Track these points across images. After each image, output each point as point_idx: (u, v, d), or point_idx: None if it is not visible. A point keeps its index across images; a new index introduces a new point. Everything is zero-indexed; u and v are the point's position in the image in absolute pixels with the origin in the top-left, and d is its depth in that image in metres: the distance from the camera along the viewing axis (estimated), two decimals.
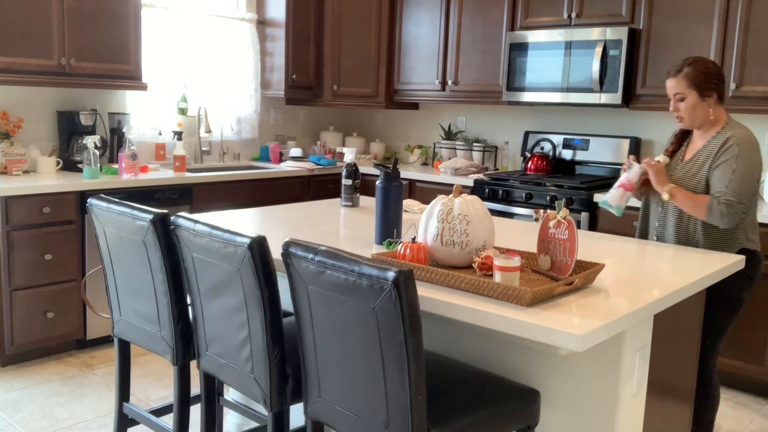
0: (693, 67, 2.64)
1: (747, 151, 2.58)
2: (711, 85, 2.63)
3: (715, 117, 2.68)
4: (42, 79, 3.74)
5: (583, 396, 1.89)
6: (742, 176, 2.55)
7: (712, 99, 2.65)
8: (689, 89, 2.64)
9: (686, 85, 2.64)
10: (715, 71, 2.66)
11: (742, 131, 2.64)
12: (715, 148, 2.63)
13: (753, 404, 3.48)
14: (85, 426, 3.02)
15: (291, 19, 5.07)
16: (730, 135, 2.62)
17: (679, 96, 2.66)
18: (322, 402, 1.74)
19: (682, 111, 2.68)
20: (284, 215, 2.90)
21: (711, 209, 2.54)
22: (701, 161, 2.66)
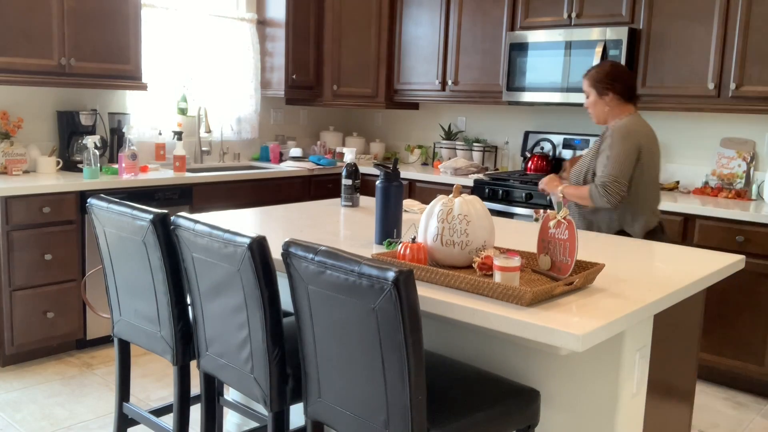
0: (596, 69, 3.04)
1: (619, 138, 2.88)
2: (606, 85, 2.96)
3: (616, 114, 2.99)
4: (42, 79, 3.74)
5: (583, 396, 1.89)
6: (615, 159, 2.85)
7: (608, 97, 2.97)
8: (590, 88, 3.01)
9: (588, 84, 3.02)
10: (613, 72, 2.99)
11: (622, 122, 2.95)
12: (603, 138, 2.98)
13: (753, 404, 3.48)
14: (85, 426, 3.02)
15: (291, 19, 5.07)
16: (610, 127, 2.97)
17: (585, 94, 3.05)
18: (322, 402, 1.74)
19: (589, 108, 3.06)
20: (284, 215, 2.90)
21: (591, 194, 2.87)
22: (593, 151, 3.02)
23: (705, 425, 3.23)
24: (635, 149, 2.87)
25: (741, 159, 3.97)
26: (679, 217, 3.66)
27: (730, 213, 3.50)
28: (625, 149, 2.86)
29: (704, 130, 4.16)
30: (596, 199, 2.86)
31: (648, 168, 2.92)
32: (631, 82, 3.02)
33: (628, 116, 2.97)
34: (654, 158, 2.95)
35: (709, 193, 4.01)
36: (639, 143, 2.88)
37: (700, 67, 3.81)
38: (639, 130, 2.91)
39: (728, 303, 3.54)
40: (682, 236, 3.66)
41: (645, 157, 2.89)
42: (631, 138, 2.88)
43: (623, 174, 2.83)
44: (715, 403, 3.48)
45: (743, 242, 3.46)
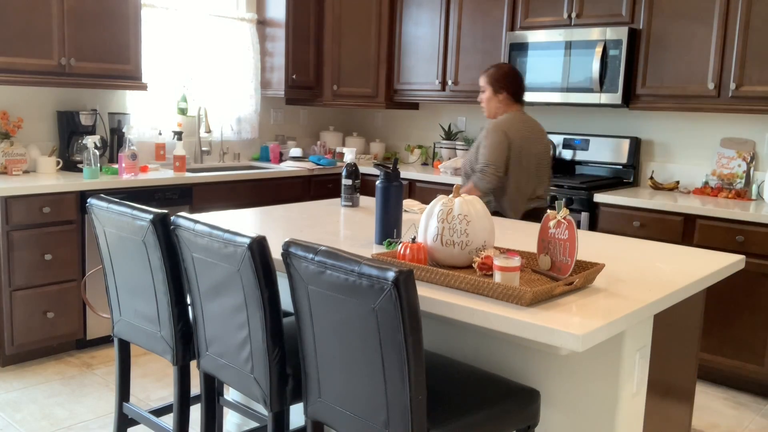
0: (495, 68, 3.40)
1: (490, 130, 3.26)
2: (503, 84, 3.34)
3: (503, 111, 3.36)
4: (42, 79, 3.74)
5: (583, 396, 1.89)
6: (488, 147, 3.24)
7: (502, 96, 3.35)
8: (488, 85, 3.37)
9: (486, 81, 3.38)
10: (510, 74, 3.37)
11: (502, 119, 3.30)
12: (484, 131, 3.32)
13: (753, 404, 3.48)
14: (85, 426, 3.02)
15: (291, 19, 5.07)
16: (491, 123, 3.31)
17: (481, 89, 3.40)
18: (322, 402, 1.74)
19: (483, 102, 3.42)
20: (284, 215, 2.90)
21: (475, 182, 3.23)
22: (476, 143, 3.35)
23: (705, 425, 3.23)
24: (504, 139, 3.22)
25: (741, 159, 3.97)
26: (679, 217, 3.66)
27: (730, 213, 3.50)
28: (494, 139, 3.24)
29: (704, 130, 4.16)
30: (479, 184, 3.21)
31: (521, 159, 3.25)
32: (522, 86, 3.40)
33: (507, 115, 3.34)
34: (528, 150, 3.27)
35: (709, 193, 4.01)
36: (507, 135, 3.23)
37: (700, 67, 3.81)
38: (511, 125, 3.27)
39: (728, 303, 3.54)
40: (682, 236, 3.66)
41: (515, 149, 3.22)
42: (500, 130, 3.25)
43: (497, 160, 3.20)
44: (715, 403, 3.48)
45: (743, 242, 3.46)
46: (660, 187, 4.21)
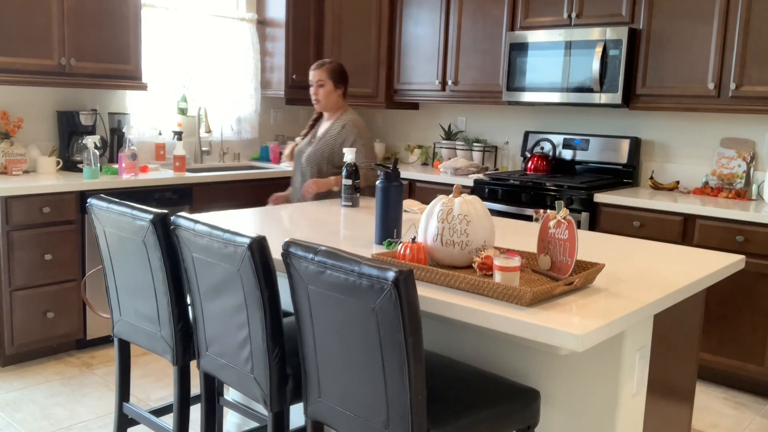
0: (332, 63, 3.55)
1: (363, 129, 3.52)
2: (342, 80, 3.54)
3: (340, 106, 3.56)
4: (42, 79, 3.74)
5: (583, 396, 1.89)
6: (370, 147, 3.51)
7: (340, 91, 3.54)
8: (328, 79, 3.49)
9: (327, 75, 3.49)
10: (345, 71, 3.57)
11: (353, 116, 3.54)
12: (336, 130, 3.50)
13: (753, 404, 3.48)
14: (85, 426, 3.02)
15: (291, 19, 5.07)
16: (345, 122, 3.50)
17: (320, 82, 3.50)
18: (322, 402, 1.74)
19: (321, 96, 3.52)
20: (284, 215, 2.90)
21: (366, 177, 3.37)
22: (327, 139, 3.52)
23: (705, 425, 3.23)
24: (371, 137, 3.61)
25: (741, 159, 3.97)
26: (679, 217, 3.66)
27: (730, 213, 3.50)
28: (369, 137, 3.56)
29: (704, 130, 4.16)
30: (370, 179, 3.39)
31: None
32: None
33: (350, 111, 3.57)
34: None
35: (709, 193, 4.01)
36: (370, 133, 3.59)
37: (700, 67, 3.81)
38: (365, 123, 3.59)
39: (728, 303, 3.54)
40: (682, 236, 3.66)
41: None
42: (367, 129, 3.57)
43: (375, 158, 3.58)
44: (715, 403, 3.48)
45: (743, 242, 3.46)
46: (660, 187, 4.21)
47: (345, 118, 3.53)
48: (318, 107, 3.58)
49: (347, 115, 3.55)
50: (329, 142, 3.51)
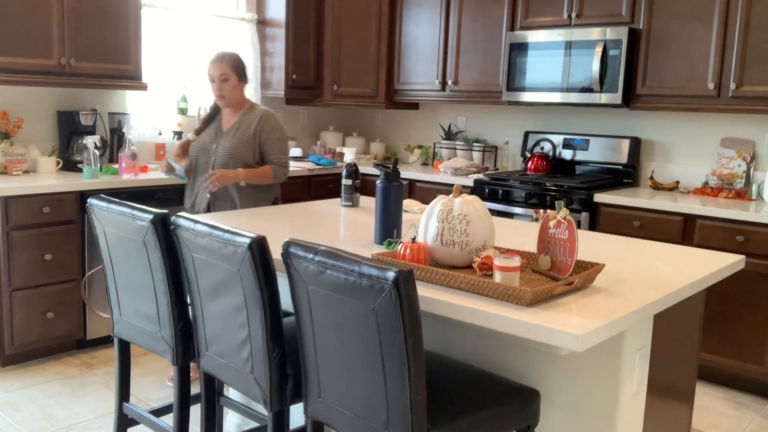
0: (233, 57, 3.34)
1: (278, 124, 3.38)
2: (244, 73, 3.36)
3: (244, 100, 3.39)
4: (42, 79, 3.74)
5: (583, 396, 1.89)
6: (283, 142, 3.38)
7: (243, 84, 3.36)
8: (233, 73, 3.30)
9: (230, 69, 3.29)
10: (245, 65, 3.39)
11: (266, 109, 3.39)
12: (252, 123, 3.31)
13: (753, 404, 3.48)
14: (85, 426, 3.02)
15: (291, 19, 5.07)
16: (261, 113, 3.34)
17: (224, 77, 3.28)
18: (322, 402, 1.74)
19: (226, 91, 3.30)
20: (284, 215, 2.90)
21: (276, 174, 3.31)
22: (242, 133, 3.31)
23: (705, 425, 3.23)
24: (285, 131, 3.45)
25: (741, 159, 3.97)
26: (679, 217, 3.66)
27: (730, 213, 3.50)
28: (284, 132, 3.42)
29: (704, 130, 4.16)
30: (279, 177, 3.33)
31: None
32: None
33: (255, 104, 3.42)
34: None
35: (709, 193, 4.01)
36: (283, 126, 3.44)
37: (700, 67, 3.81)
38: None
39: (728, 303, 3.54)
40: (682, 236, 3.66)
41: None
42: (280, 122, 3.43)
43: (288, 154, 3.44)
44: (715, 403, 3.48)
45: (743, 242, 3.46)
46: (660, 187, 4.21)
47: (258, 111, 3.36)
48: (223, 103, 3.34)
49: (259, 108, 3.39)
50: (250, 135, 3.31)
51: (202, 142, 3.35)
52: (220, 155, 3.29)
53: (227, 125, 3.35)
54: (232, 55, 3.36)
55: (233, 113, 3.38)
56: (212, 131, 3.36)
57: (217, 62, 3.28)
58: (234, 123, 3.34)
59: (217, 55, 3.33)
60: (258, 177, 3.29)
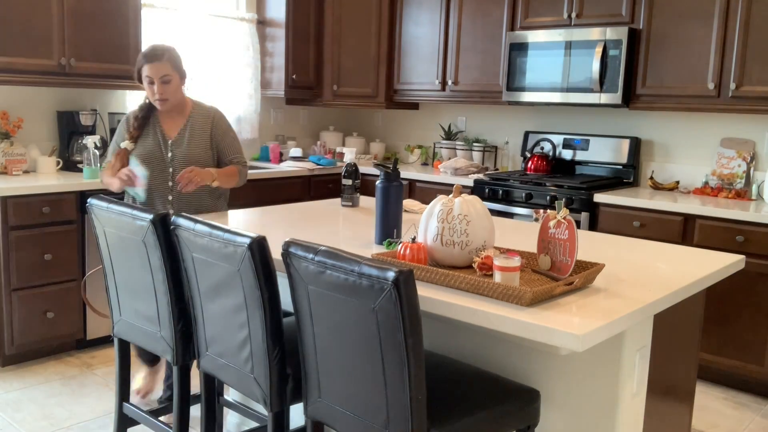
0: (171, 52, 2.90)
1: (228, 122, 3.07)
2: (183, 69, 2.94)
3: (185, 99, 3.00)
4: (42, 79, 3.74)
5: (583, 396, 1.89)
6: (238, 141, 3.08)
7: (184, 81, 2.96)
8: (174, 71, 2.88)
9: (171, 68, 2.87)
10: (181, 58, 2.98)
11: (212, 108, 3.06)
12: (205, 124, 2.98)
13: (753, 404, 3.48)
14: (85, 426, 3.02)
15: (291, 19, 5.07)
16: (212, 113, 3.02)
17: (166, 78, 2.85)
18: (322, 402, 1.74)
19: (168, 93, 2.87)
20: (284, 215, 2.90)
21: (241, 174, 3.01)
22: (198, 136, 2.96)
23: (705, 425, 3.23)
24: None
25: (741, 159, 3.97)
26: (679, 217, 3.66)
27: (730, 213, 3.50)
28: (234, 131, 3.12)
29: (704, 130, 4.16)
30: (243, 177, 3.04)
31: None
32: None
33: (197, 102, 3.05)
34: None
35: (709, 193, 4.01)
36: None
37: (700, 67, 3.81)
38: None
39: (728, 303, 3.54)
40: (682, 236, 3.66)
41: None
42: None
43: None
44: (715, 403, 3.48)
45: (743, 242, 3.46)
46: (660, 187, 4.21)
47: (206, 110, 3.02)
48: (165, 107, 2.90)
49: (205, 107, 3.04)
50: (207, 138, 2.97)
51: (146, 150, 2.89)
52: (180, 163, 2.90)
53: (174, 130, 2.95)
54: (170, 50, 2.90)
55: (177, 115, 2.97)
56: (154, 137, 2.92)
57: (156, 61, 2.83)
58: (182, 126, 2.96)
59: (152, 51, 2.86)
60: (227, 177, 2.95)
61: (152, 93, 2.87)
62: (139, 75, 2.89)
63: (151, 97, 2.89)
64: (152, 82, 2.85)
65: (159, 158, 2.91)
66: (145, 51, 2.89)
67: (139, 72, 2.88)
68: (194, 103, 3.03)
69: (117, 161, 2.90)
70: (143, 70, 2.85)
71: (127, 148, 2.90)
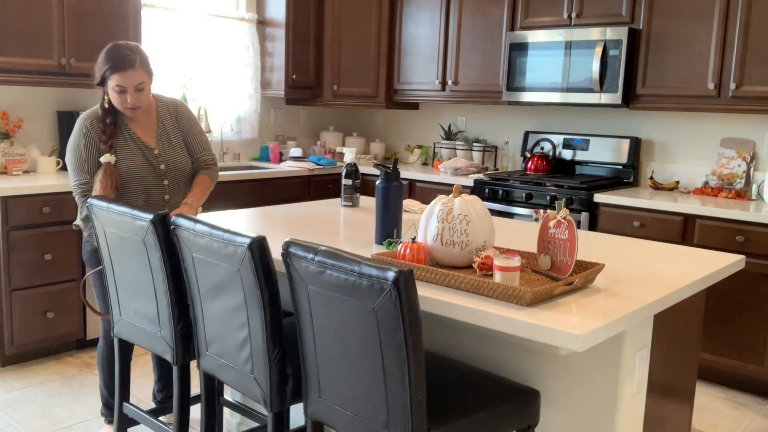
0: (141, 55, 2.60)
1: (192, 113, 2.85)
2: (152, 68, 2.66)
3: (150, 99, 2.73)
4: (42, 79, 3.74)
5: (583, 396, 1.89)
6: (204, 134, 2.85)
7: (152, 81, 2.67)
8: (147, 77, 2.61)
9: (145, 74, 2.60)
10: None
11: (172, 99, 2.84)
12: (171, 119, 2.77)
13: (753, 404, 3.48)
14: (85, 426, 3.02)
15: (291, 19, 5.07)
16: (173, 105, 2.79)
17: (141, 85, 2.57)
18: (322, 402, 1.74)
19: (142, 100, 2.61)
20: (284, 215, 2.90)
21: (213, 179, 2.83)
22: (172, 136, 2.76)
23: (705, 425, 3.23)
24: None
25: (741, 159, 3.97)
26: (679, 217, 3.66)
27: (730, 213, 3.50)
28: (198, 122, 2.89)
29: (704, 130, 4.16)
30: (216, 178, 2.87)
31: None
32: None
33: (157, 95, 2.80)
34: None
35: (709, 193, 4.01)
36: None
37: (700, 67, 3.81)
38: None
39: (728, 303, 3.54)
40: (682, 236, 3.66)
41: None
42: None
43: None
44: (715, 403, 3.48)
45: (743, 242, 3.46)
46: (660, 187, 4.21)
47: (167, 102, 2.80)
48: (137, 114, 2.64)
49: (165, 98, 2.82)
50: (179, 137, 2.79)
51: (135, 164, 2.64)
52: (173, 173, 2.73)
53: (148, 135, 2.71)
54: (140, 51, 2.61)
55: (143, 116, 2.71)
56: (135, 147, 2.66)
57: (130, 69, 2.53)
58: (156, 128, 2.74)
59: (122, 58, 2.55)
60: (203, 195, 2.79)
61: (123, 101, 2.57)
62: (103, 80, 2.58)
63: (120, 106, 2.59)
64: (123, 91, 2.55)
65: (153, 171, 2.68)
66: (111, 55, 2.55)
67: (103, 78, 2.57)
68: (157, 99, 2.78)
69: (106, 177, 2.55)
70: (111, 78, 2.54)
71: (110, 162, 2.57)
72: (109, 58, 2.56)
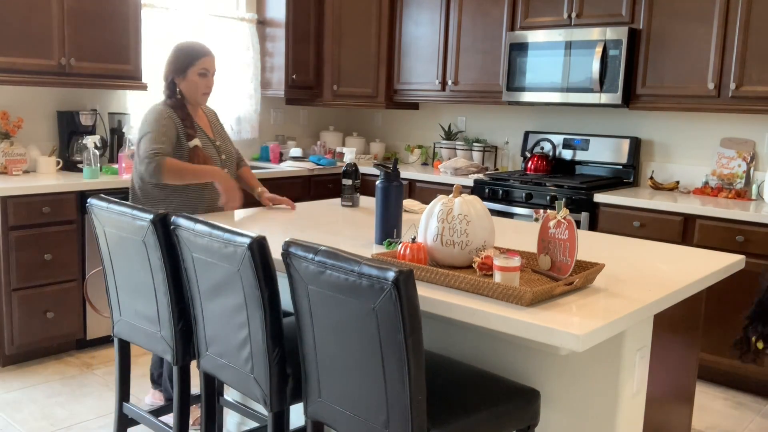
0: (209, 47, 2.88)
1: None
2: None
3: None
4: (42, 79, 3.74)
5: (583, 396, 1.89)
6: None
7: None
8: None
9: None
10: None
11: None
12: (213, 117, 3.04)
13: (753, 404, 3.48)
14: (85, 426, 3.02)
15: (291, 19, 5.07)
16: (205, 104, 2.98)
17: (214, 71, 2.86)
18: (322, 402, 1.74)
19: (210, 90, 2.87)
20: (284, 215, 2.90)
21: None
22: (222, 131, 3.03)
23: (705, 425, 3.23)
24: None
25: (741, 159, 3.97)
26: (679, 217, 3.66)
27: (730, 213, 3.50)
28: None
29: (704, 130, 4.16)
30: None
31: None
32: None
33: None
34: None
35: (709, 193, 4.01)
36: None
37: (700, 67, 3.81)
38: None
39: (728, 303, 3.54)
40: (682, 236, 3.66)
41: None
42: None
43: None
44: (715, 403, 3.48)
45: (743, 242, 3.46)
46: (660, 187, 4.21)
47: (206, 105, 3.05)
48: (205, 100, 2.92)
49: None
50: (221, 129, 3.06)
51: (208, 150, 2.88)
52: (229, 164, 2.99)
53: (206, 127, 2.95)
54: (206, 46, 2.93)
55: (200, 113, 2.97)
56: (203, 136, 2.89)
57: (212, 54, 2.87)
58: (207, 120, 2.98)
59: (202, 46, 2.88)
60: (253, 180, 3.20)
61: (205, 86, 2.83)
62: (184, 69, 2.80)
63: (199, 91, 2.83)
64: (205, 75, 2.82)
65: (218, 161, 2.90)
66: (188, 47, 2.85)
67: (185, 66, 2.80)
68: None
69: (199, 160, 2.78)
70: (199, 62, 2.80)
71: (198, 145, 2.80)
72: (188, 50, 2.83)
